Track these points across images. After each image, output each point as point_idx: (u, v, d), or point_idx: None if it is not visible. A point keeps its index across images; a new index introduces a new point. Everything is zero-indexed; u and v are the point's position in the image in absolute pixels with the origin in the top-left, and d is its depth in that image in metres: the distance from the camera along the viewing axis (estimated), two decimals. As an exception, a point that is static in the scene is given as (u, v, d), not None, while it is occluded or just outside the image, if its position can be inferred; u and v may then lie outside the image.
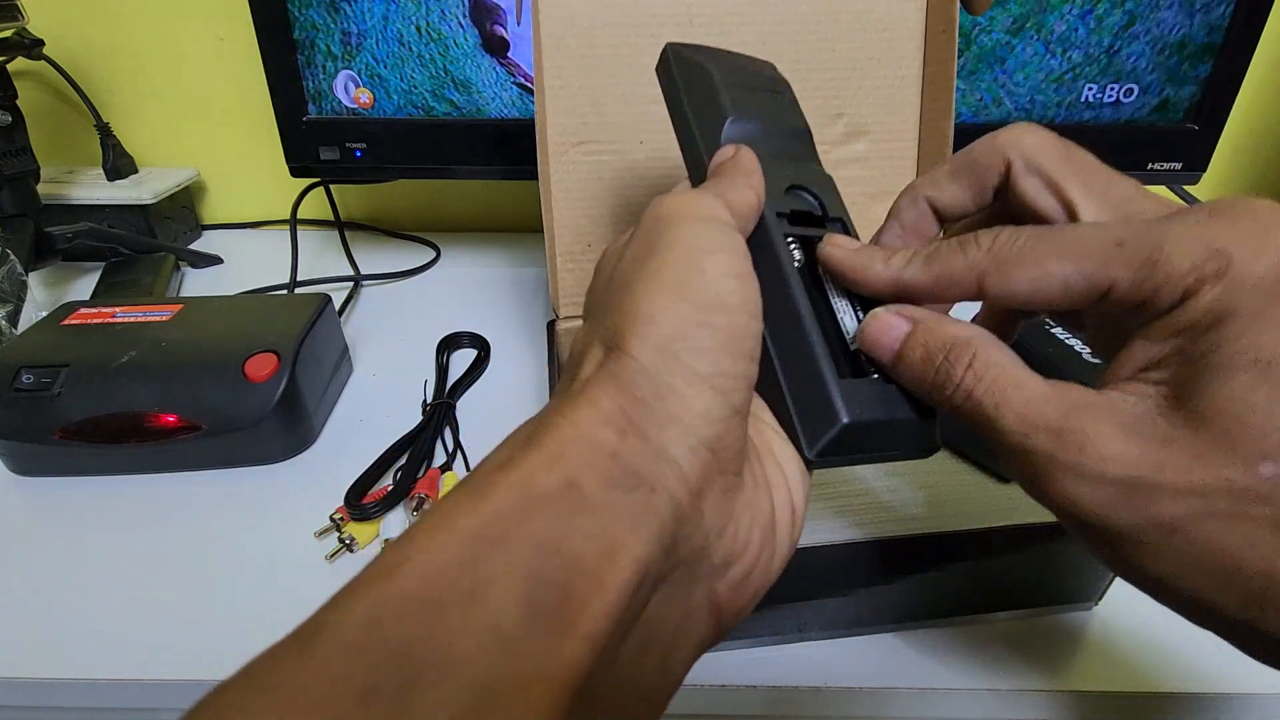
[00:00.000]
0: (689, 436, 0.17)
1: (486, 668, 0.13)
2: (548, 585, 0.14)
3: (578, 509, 0.15)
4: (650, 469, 0.16)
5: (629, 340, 0.18)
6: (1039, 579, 0.32)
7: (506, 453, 0.16)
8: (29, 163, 0.59)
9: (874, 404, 0.21)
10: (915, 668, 0.31)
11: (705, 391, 0.18)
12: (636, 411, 0.17)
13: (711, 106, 0.25)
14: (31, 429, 0.39)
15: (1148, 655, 0.32)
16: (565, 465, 0.16)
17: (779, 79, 0.29)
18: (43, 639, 0.32)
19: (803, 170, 0.25)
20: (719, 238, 0.19)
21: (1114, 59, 0.58)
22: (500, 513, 0.15)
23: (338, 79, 0.58)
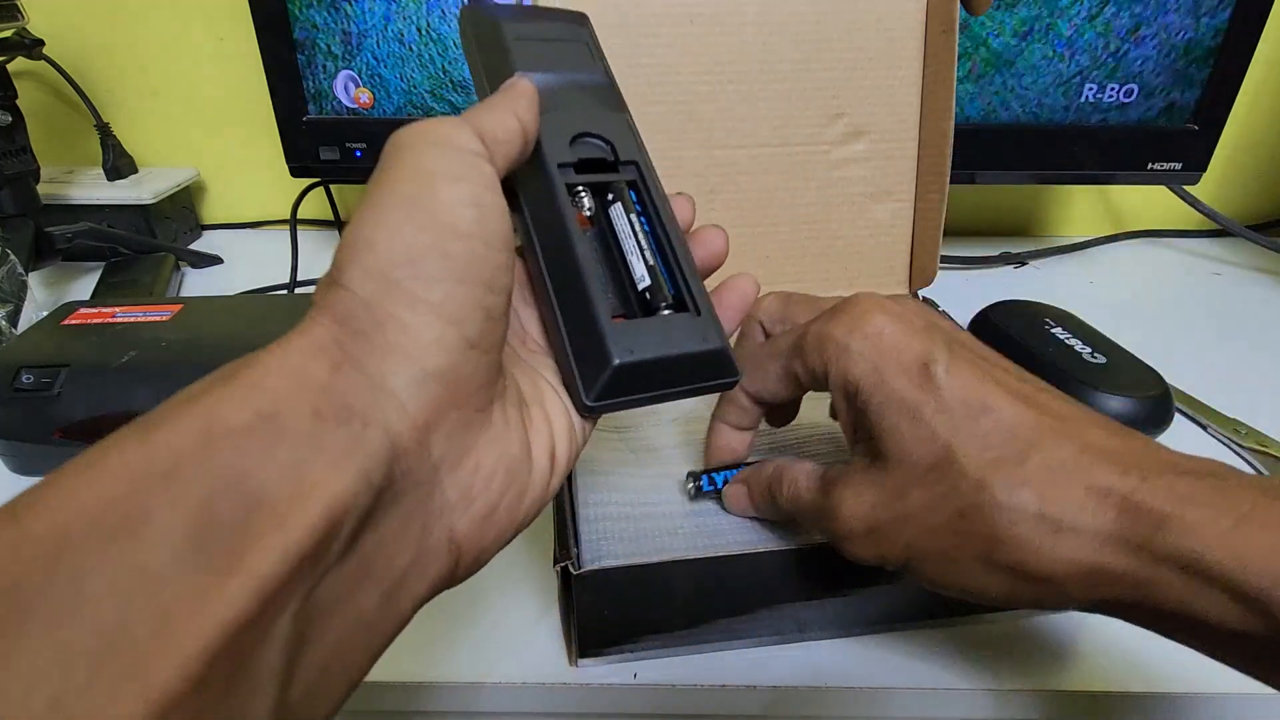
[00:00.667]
0: (412, 366, 0.17)
1: (119, 609, 0.12)
2: (217, 524, 0.13)
3: (270, 443, 0.14)
4: (364, 402, 0.16)
5: (346, 269, 0.17)
6: (1039, 579, 0.32)
7: (196, 387, 0.15)
8: (29, 163, 0.59)
9: (653, 342, 0.21)
10: (915, 668, 0.31)
11: (434, 321, 0.17)
12: (353, 344, 0.16)
13: (500, 61, 0.25)
14: (31, 429, 0.39)
15: (1148, 655, 0.32)
16: (262, 397, 0.15)
17: (581, 31, 0.28)
18: (43, 639, 0.32)
19: (594, 117, 0.25)
20: (456, 164, 0.18)
21: (1121, 62, 0.58)
22: (172, 445, 0.13)
23: (338, 79, 0.58)
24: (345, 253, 0.17)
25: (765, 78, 0.44)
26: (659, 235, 0.24)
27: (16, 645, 0.11)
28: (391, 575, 0.17)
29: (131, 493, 0.13)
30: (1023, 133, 0.61)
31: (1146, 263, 0.74)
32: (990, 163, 0.62)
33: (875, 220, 0.48)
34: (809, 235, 0.47)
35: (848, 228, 0.47)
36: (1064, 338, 0.46)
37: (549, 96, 0.24)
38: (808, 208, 0.47)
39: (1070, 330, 0.47)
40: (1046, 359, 0.44)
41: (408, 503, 0.17)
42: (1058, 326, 0.47)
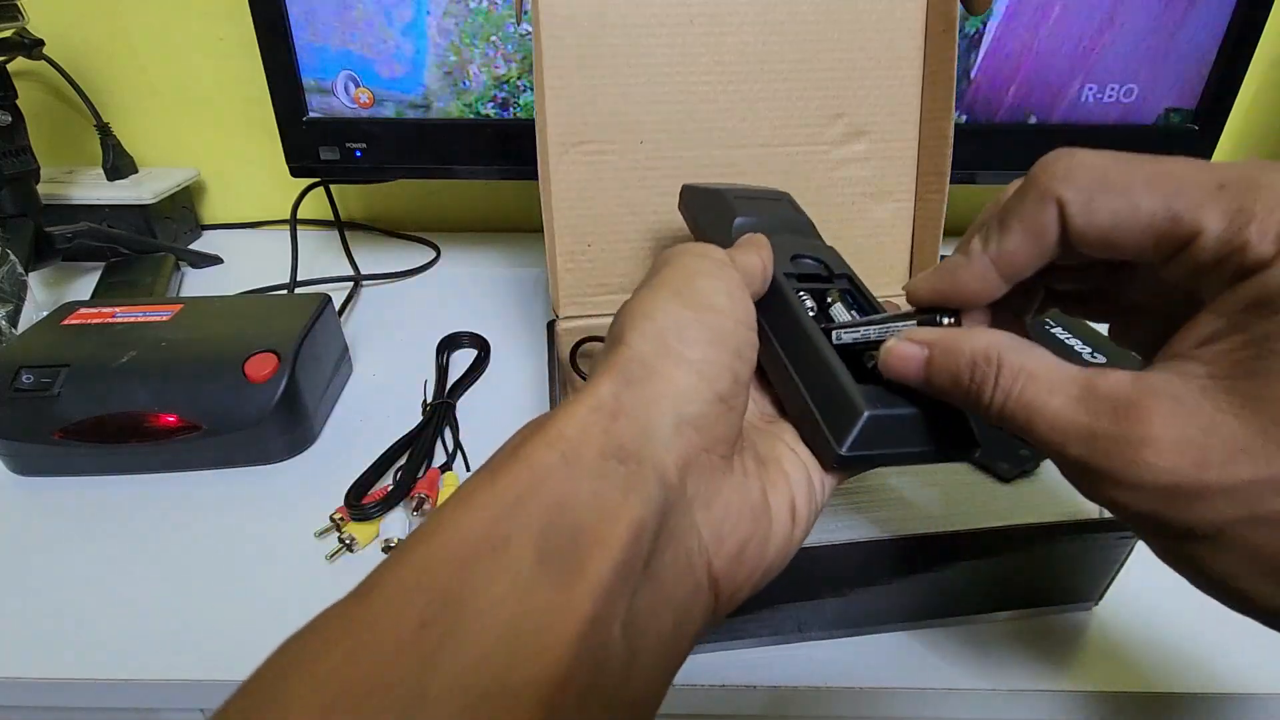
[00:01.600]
0: (673, 413, 0.20)
1: (512, 608, 0.15)
2: (557, 541, 0.16)
3: (577, 476, 0.17)
4: (637, 444, 0.19)
5: (629, 334, 0.21)
6: (1039, 579, 0.32)
7: (515, 440, 0.19)
8: (29, 163, 0.59)
9: (898, 401, 0.23)
10: (915, 668, 0.31)
11: (692, 375, 0.20)
12: (629, 394, 0.20)
13: (721, 212, 0.30)
14: (31, 429, 0.39)
15: (1148, 655, 0.32)
16: (562, 443, 0.18)
17: (781, 194, 0.34)
18: (43, 639, 0.32)
19: (808, 244, 0.29)
20: (715, 267, 0.23)
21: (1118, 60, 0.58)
22: (511, 485, 0.17)
23: (338, 79, 0.58)
24: (627, 321, 0.22)
25: (765, 78, 0.44)
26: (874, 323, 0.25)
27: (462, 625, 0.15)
28: (677, 601, 0.19)
29: (495, 521, 0.16)
30: (1023, 133, 0.61)
31: (1146, 263, 0.74)
32: (990, 163, 0.62)
33: (875, 220, 0.48)
34: (809, 235, 0.47)
35: (848, 228, 0.47)
36: (1064, 338, 0.46)
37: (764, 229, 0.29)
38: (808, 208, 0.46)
39: (1070, 330, 0.47)
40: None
41: (677, 536, 0.19)
42: (1057, 326, 0.47)
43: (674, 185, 0.45)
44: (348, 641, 0.14)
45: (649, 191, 0.44)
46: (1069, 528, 0.31)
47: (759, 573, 0.21)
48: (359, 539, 0.36)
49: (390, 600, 0.15)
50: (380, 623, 0.15)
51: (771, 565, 0.22)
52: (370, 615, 0.15)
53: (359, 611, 0.15)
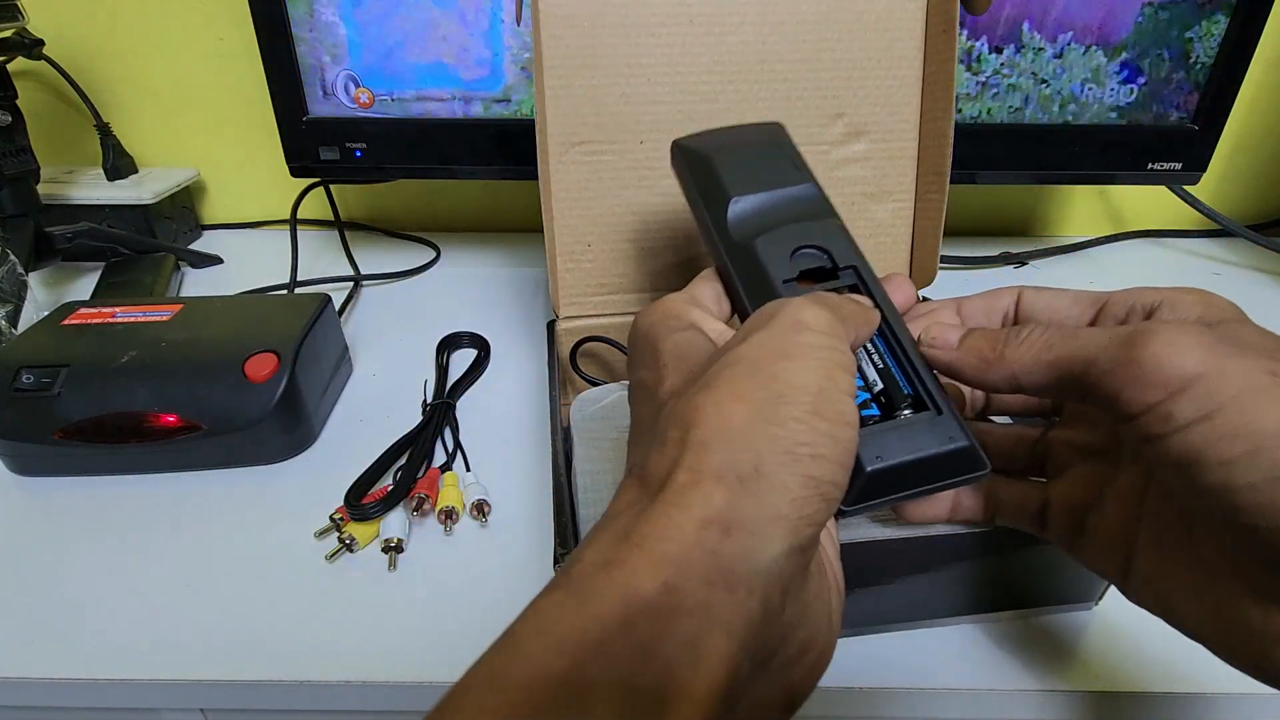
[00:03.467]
0: (790, 537, 0.17)
1: None
2: (642, 692, 0.15)
3: (674, 613, 0.16)
4: (746, 569, 0.17)
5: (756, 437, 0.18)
6: (1039, 579, 0.32)
7: (607, 550, 0.17)
8: (29, 163, 0.59)
9: (901, 447, 0.22)
10: (915, 668, 0.31)
11: (815, 496, 0.18)
12: (746, 509, 0.17)
13: (715, 190, 0.28)
14: (31, 429, 0.39)
15: (1148, 655, 0.32)
16: (666, 568, 0.16)
17: (779, 139, 0.30)
18: (43, 639, 0.32)
19: (809, 228, 0.27)
20: (845, 360, 0.20)
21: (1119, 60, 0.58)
22: (601, 618, 0.15)
23: (338, 79, 0.58)
24: (750, 420, 0.18)
25: (765, 78, 0.44)
26: (886, 335, 0.25)
27: None
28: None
29: (576, 665, 0.15)
30: (1023, 133, 0.61)
31: (1146, 263, 0.74)
32: (990, 163, 0.62)
33: (875, 220, 0.48)
34: (809, 235, 0.47)
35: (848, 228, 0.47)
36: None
37: (764, 216, 0.26)
38: (808, 208, 0.47)
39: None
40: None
41: (767, 664, 0.18)
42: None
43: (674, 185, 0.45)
44: None
45: (649, 191, 0.44)
46: (1069, 528, 0.31)
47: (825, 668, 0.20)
48: (359, 539, 0.36)
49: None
50: None
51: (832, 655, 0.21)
52: None
53: None
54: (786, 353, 0.20)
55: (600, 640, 0.15)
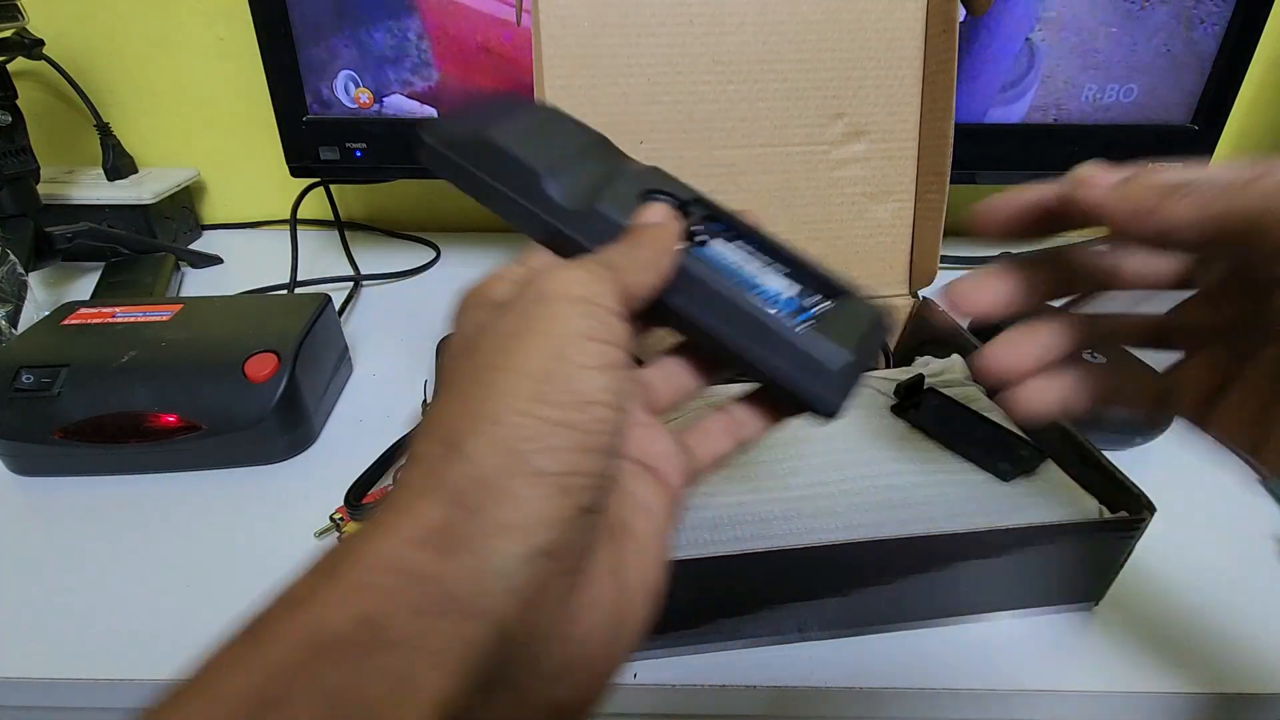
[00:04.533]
0: (524, 544, 0.16)
1: None
2: None
3: (373, 651, 0.14)
4: (470, 589, 0.15)
5: (468, 441, 0.16)
6: (1039, 579, 0.32)
7: (302, 588, 0.15)
8: (29, 163, 0.59)
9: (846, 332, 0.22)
10: (915, 668, 0.31)
11: (553, 494, 0.16)
12: (465, 523, 0.15)
13: (517, 169, 0.25)
14: (31, 429, 0.39)
15: (1148, 655, 0.32)
16: (366, 599, 0.14)
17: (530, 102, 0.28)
18: (43, 639, 0.32)
19: (641, 174, 0.25)
20: (595, 325, 0.18)
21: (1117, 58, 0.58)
22: (278, 666, 0.13)
23: (338, 79, 0.58)
24: (468, 421, 0.17)
25: (765, 78, 0.44)
26: (765, 246, 0.25)
27: None
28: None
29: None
30: (1023, 133, 0.61)
31: (1146, 263, 0.74)
32: (990, 163, 0.62)
33: (875, 220, 0.48)
34: (809, 235, 0.47)
35: (848, 228, 0.47)
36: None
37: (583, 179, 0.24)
38: (808, 208, 0.47)
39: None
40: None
41: (509, 685, 0.16)
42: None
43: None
44: None
45: (649, 191, 0.44)
46: (1069, 528, 0.31)
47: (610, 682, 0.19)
48: (359, 539, 0.36)
49: None
50: None
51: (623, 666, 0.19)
52: None
53: None
54: (517, 335, 0.18)
55: (277, 696, 0.13)
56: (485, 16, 0.56)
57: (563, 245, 0.25)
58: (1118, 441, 0.42)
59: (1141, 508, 0.31)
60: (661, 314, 0.23)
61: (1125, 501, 0.31)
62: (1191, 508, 0.39)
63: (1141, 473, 0.32)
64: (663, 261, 0.21)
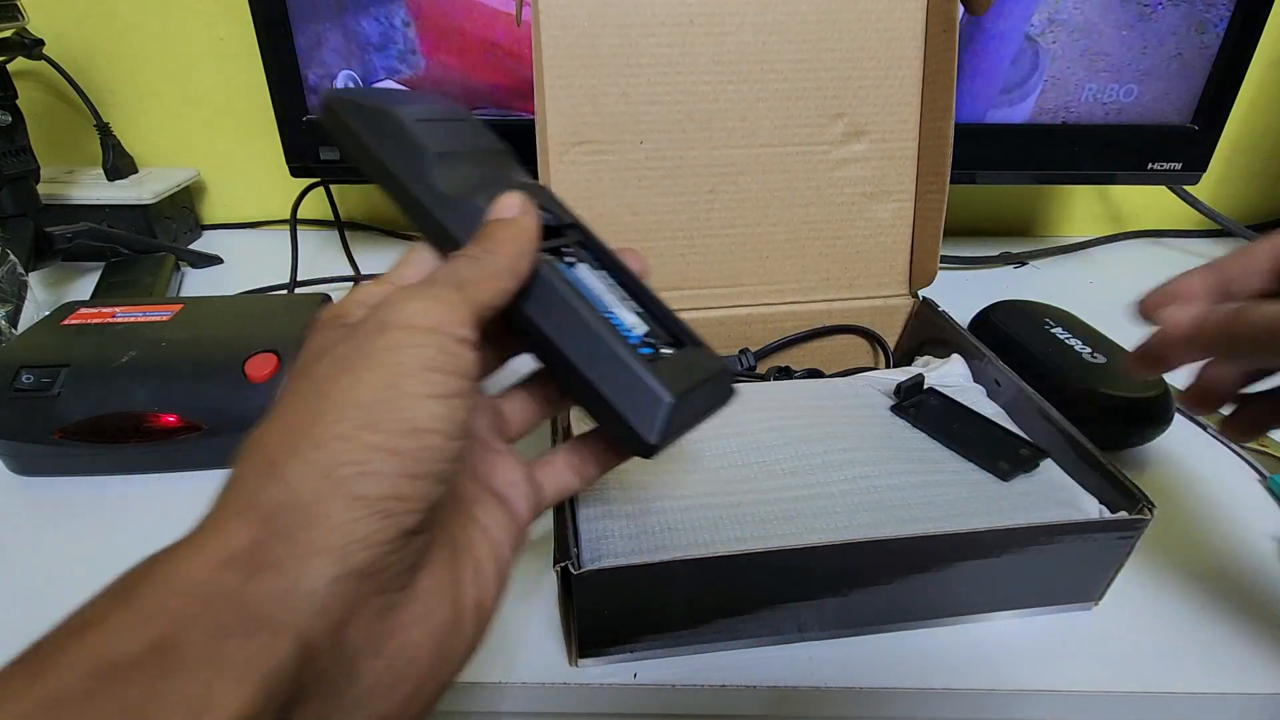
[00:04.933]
0: (335, 566, 0.16)
1: None
2: None
3: (164, 674, 0.13)
4: (276, 609, 0.15)
5: (288, 464, 0.16)
6: (1039, 579, 0.32)
7: (91, 611, 0.15)
8: (29, 163, 0.59)
9: (685, 375, 0.23)
10: (915, 668, 0.31)
11: (370, 518, 0.16)
12: (276, 546, 0.15)
13: (409, 148, 0.24)
14: (31, 429, 0.39)
15: (1148, 655, 0.32)
16: (161, 621, 0.14)
17: (453, 105, 0.28)
18: (43, 639, 0.32)
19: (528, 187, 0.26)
20: (437, 356, 0.18)
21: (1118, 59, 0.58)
22: (57, 695, 0.13)
23: (338, 79, 0.58)
24: (288, 442, 0.16)
25: (765, 78, 0.44)
26: (628, 284, 0.26)
27: None
28: None
29: None
30: (1023, 133, 0.61)
31: (1146, 263, 0.74)
32: (990, 163, 0.62)
33: (875, 220, 0.48)
34: (809, 235, 0.47)
35: (848, 228, 0.47)
36: (1064, 338, 0.46)
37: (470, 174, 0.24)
38: (808, 208, 0.47)
39: (1070, 330, 0.47)
40: (1046, 359, 0.44)
41: (319, 704, 0.16)
42: (1058, 326, 0.47)
43: (674, 185, 0.45)
44: None
45: (649, 191, 0.44)
46: (1069, 528, 0.31)
47: (437, 698, 0.19)
48: (359, 539, 0.36)
49: None
50: None
51: (451, 682, 0.19)
52: None
53: None
54: (350, 364, 0.17)
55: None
56: (483, 8, 0.56)
57: (434, 230, 0.24)
58: (1118, 441, 0.42)
59: (1141, 508, 0.31)
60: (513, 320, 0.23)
61: (1125, 501, 0.31)
62: (1191, 508, 0.39)
63: (1141, 473, 0.32)
64: (519, 265, 0.21)
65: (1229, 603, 0.34)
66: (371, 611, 0.17)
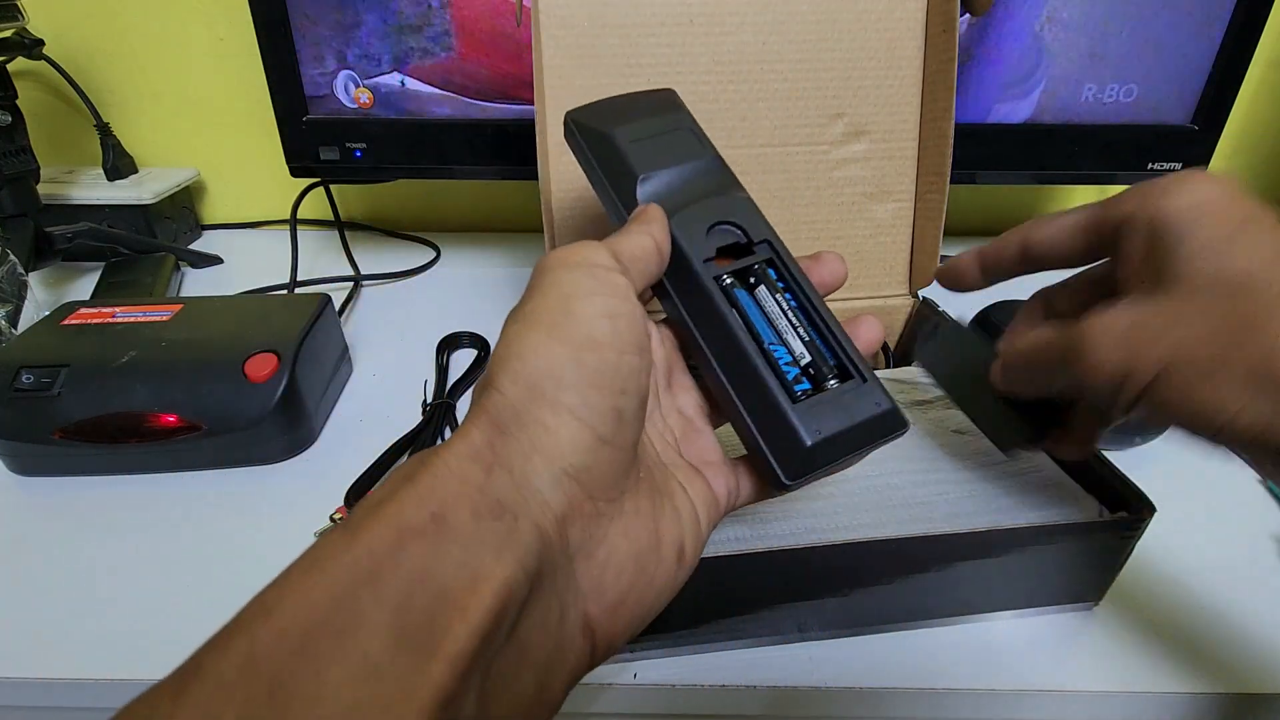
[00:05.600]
0: (552, 466, 0.19)
1: (355, 691, 0.14)
2: (415, 613, 0.15)
3: (444, 540, 0.16)
4: (513, 499, 0.18)
5: (500, 378, 0.20)
6: (1039, 579, 0.32)
7: (384, 492, 0.17)
8: (29, 163, 0.59)
9: (834, 417, 0.23)
10: (915, 668, 0.31)
11: (571, 422, 0.19)
12: (503, 445, 0.19)
13: (622, 170, 0.27)
14: (31, 429, 0.39)
15: (1148, 655, 0.32)
16: (434, 500, 0.17)
17: (677, 111, 0.30)
18: (43, 639, 0.32)
19: (719, 203, 0.27)
20: (592, 282, 0.21)
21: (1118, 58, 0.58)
22: (372, 548, 0.16)
23: (338, 79, 0.58)
24: (498, 363, 0.20)
25: (765, 78, 0.44)
26: (806, 308, 0.25)
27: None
28: (541, 659, 0.18)
29: (348, 593, 0.15)
30: (1023, 133, 0.61)
31: (1146, 263, 0.74)
32: (990, 163, 0.62)
33: (875, 220, 0.48)
34: (809, 235, 0.47)
35: (848, 228, 0.47)
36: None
37: (676, 194, 0.26)
38: (808, 208, 0.47)
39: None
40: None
41: (549, 591, 0.18)
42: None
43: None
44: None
45: (649, 191, 0.44)
46: (1069, 528, 0.31)
47: (639, 619, 0.21)
48: (359, 539, 0.36)
49: (204, 700, 0.14)
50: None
51: (652, 610, 0.21)
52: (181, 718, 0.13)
53: (171, 710, 0.13)
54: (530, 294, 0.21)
55: (371, 569, 0.15)
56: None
57: None
58: (1118, 441, 0.42)
59: (1141, 508, 0.31)
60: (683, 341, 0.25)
61: (1125, 501, 0.31)
62: (1191, 508, 0.39)
63: (1141, 473, 0.32)
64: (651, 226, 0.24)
65: (1229, 603, 0.34)
66: (585, 515, 0.19)
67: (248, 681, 0.14)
